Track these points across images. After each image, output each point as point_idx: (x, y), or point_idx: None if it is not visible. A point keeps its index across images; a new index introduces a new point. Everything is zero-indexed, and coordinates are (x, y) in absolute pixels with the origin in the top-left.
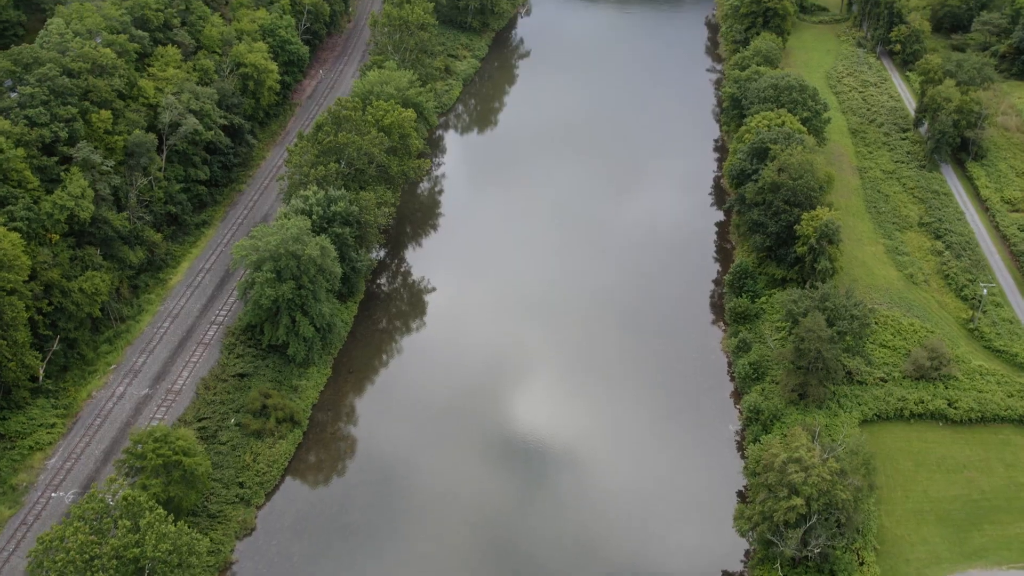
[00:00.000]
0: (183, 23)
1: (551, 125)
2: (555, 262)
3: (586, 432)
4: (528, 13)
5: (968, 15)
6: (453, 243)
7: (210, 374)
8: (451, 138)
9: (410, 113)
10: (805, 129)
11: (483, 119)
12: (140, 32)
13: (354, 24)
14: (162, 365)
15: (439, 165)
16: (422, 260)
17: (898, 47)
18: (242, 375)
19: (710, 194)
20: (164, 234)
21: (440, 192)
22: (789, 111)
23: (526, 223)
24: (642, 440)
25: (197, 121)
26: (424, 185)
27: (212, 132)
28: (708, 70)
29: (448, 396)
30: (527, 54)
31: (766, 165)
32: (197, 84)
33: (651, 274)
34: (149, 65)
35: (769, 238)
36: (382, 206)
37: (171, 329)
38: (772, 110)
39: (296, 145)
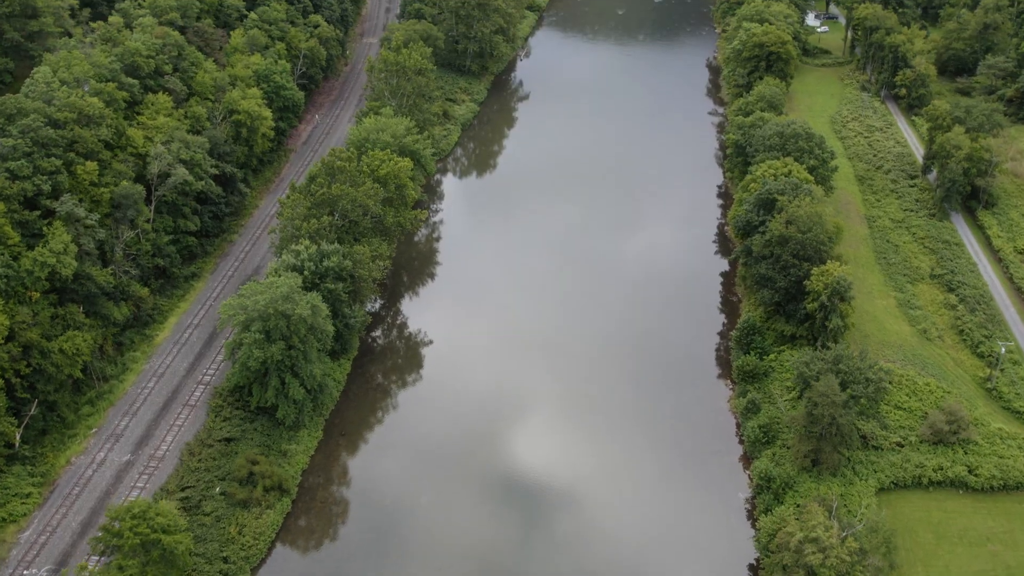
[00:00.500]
0: (175, 69)
1: (551, 168)
2: (555, 309)
3: (588, 493)
4: (527, 55)
5: (973, 59)
6: (451, 290)
7: (195, 439)
8: (449, 183)
9: (407, 163)
10: (812, 178)
11: (482, 163)
12: (130, 80)
13: (351, 68)
14: (145, 428)
15: (437, 211)
16: (419, 310)
17: (903, 91)
18: (229, 439)
19: (714, 241)
20: (151, 287)
21: (438, 238)
22: (795, 159)
23: (526, 267)
24: (646, 499)
25: (187, 172)
26: (422, 232)
27: (203, 182)
28: (710, 113)
29: (445, 456)
30: (526, 96)
31: (773, 217)
32: (188, 132)
33: (654, 324)
34: (139, 113)
35: (777, 293)
36: (377, 259)
37: (156, 389)
38: (778, 158)
39: (288, 197)
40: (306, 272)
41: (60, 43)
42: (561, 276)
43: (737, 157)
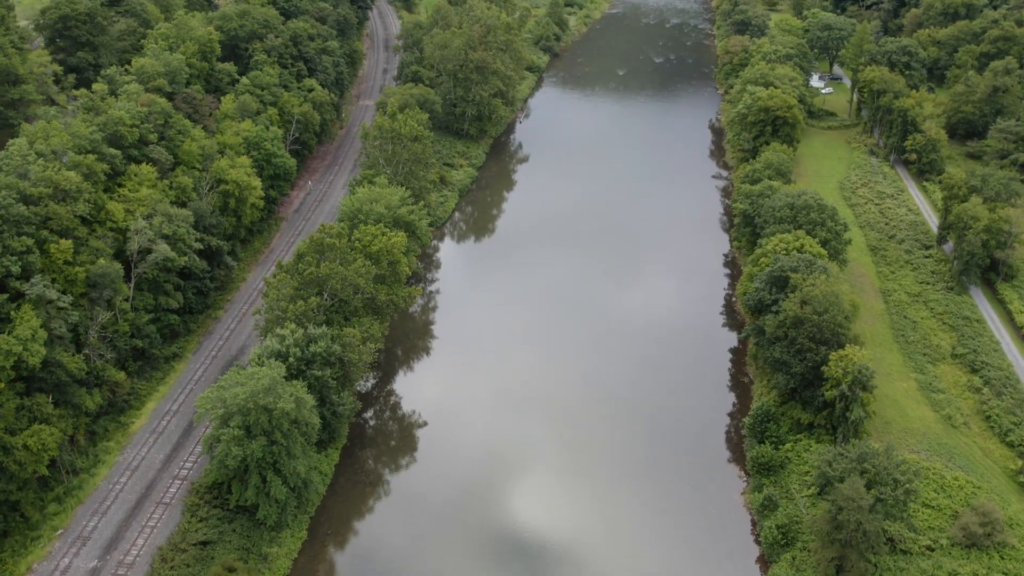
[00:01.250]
0: (161, 138)
1: (549, 233)
2: (555, 382)
3: None
4: (527, 116)
5: (983, 122)
6: (447, 363)
7: (168, 543)
8: (446, 251)
9: (400, 238)
10: (825, 252)
11: (479, 229)
12: (112, 150)
13: (346, 131)
14: (115, 530)
15: (433, 280)
16: (413, 386)
17: (914, 156)
18: (205, 543)
19: (721, 313)
20: (129, 370)
21: (433, 308)
22: (807, 232)
23: (524, 335)
24: None
25: (169, 248)
26: (417, 303)
27: (186, 257)
28: (714, 176)
29: (442, 549)
30: (526, 158)
31: (786, 296)
32: (173, 204)
33: (660, 402)
34: (120, 185)
35: (793, 379)
36: (368, 341)
37: (129, 485)
38: (789, 231)
39: (274, 276)
40: (291, 359)
41: (42, 111)
42: (561, 345)
43: (745, 227)
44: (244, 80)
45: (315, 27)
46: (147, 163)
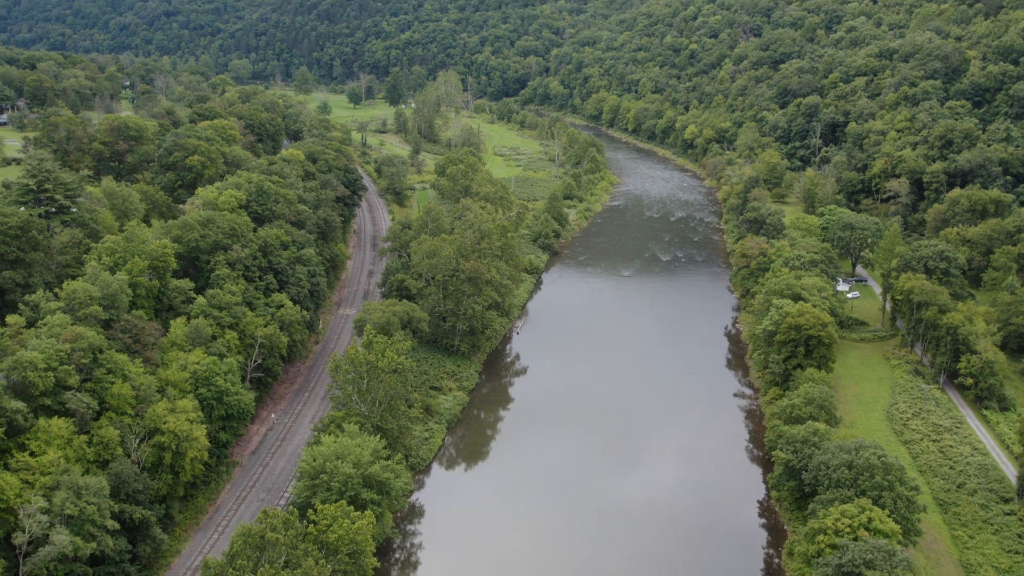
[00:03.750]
0: (85, 380)
1: (553, 475)
2: None
3: None
4: (526, 323)
5: None
6: None
7: None
8: (428, 498)
9: (366, 520)
10: (898, 529)
11: (469, 467)
12: (16, 403)
13: (322, 347)
14: None
15: (412, 533)
16: None
17: (969, 381)
18: None
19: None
20: None
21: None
22: (872, 500)
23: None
24: None
25: (70, 536)
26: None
27: (95, 543)
28: (735, 394)
29: None
30: (524, 370)
31: None
32: (92, 464)
33: None
34: (22, 446)
35: None
36: None
37: None
38: (850, 499)
39: None
40: None
41: None
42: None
43: (789, 480)
44: (200, 300)
45: (291, 233)
46: (59, 418)
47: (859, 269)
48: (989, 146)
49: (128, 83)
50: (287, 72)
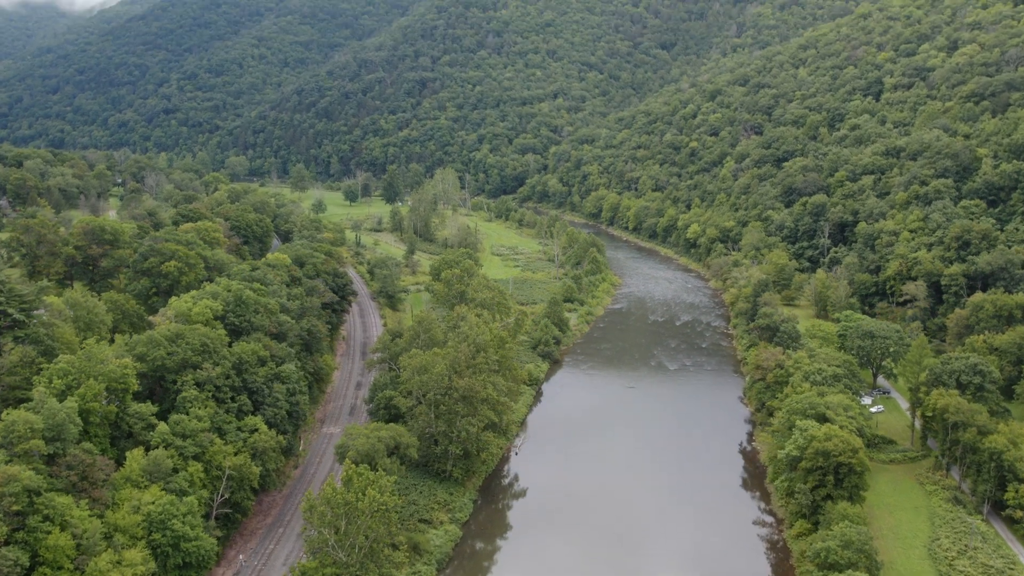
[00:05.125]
0: (17, 530)
1: None
2: None
3: None
4: (524, 440)
5: None
6: None
7: None
8: None
9: None
10: None
11: None
12: None
13: (301, 471)
14: None
15: None
16: None
17: (1019, 514)
18: None
19: None
20: None
21: None
22: None
23: None
24: None
25: None
26: None
27: None
28: (755, 522)
29: None
30: (522, 493)
31: None
32: None
33: None
34: None
35: None
36: None
37: None
38: None
39: None
40: None
41: None
42: None
43: None
44: (163, 427)
45: (269, 347)
46: None
47: (880, 380)
48: (1010, 247)
49: (120, 181)
50: (284, 169)
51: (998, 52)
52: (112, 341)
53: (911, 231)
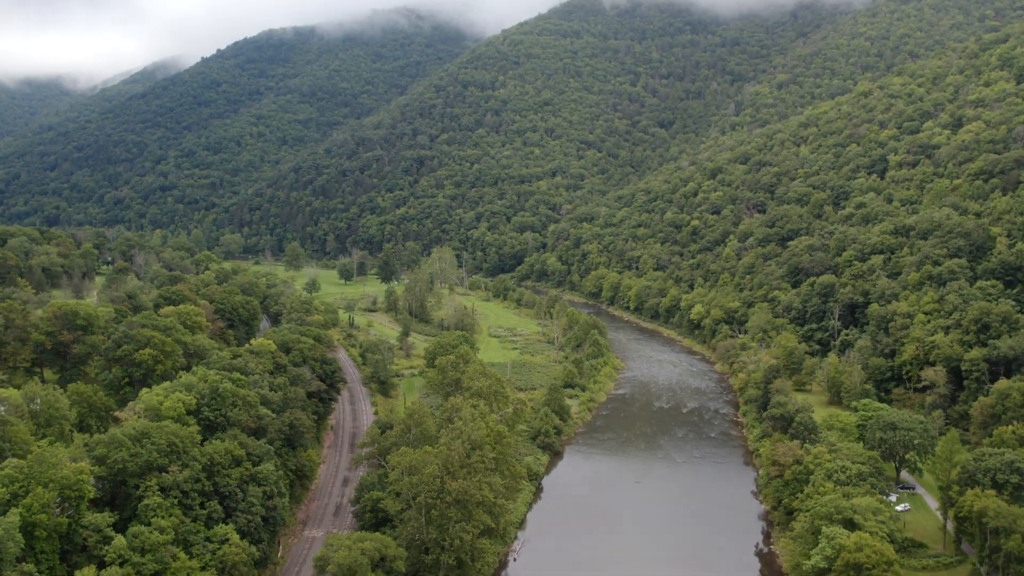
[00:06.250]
0: None
1: None
2: None
3: None
4: (523, 544)
5: None
6: None
7: None
8: None
9: None
10: None
11: None
12: None
13: None
14: None
15: None
16: None
17: None
18: None
19: None
20: None
21: None
22: None
23: None
24: None
25: None
26: None
27: None
28: None
29: None
30: None
31: None
32: None
33: None
34: None
35: None
36: None
37: None
38: None
39: None
40: None
41: None
42: None
43: None
44: (119, 541)
45: (246, 445)
46: None
47: (904, 474)
48: None
49: (110, 259)
50: (279, 246)
51: (1005, 129)
52: (72, 440)
53: (926, 313)
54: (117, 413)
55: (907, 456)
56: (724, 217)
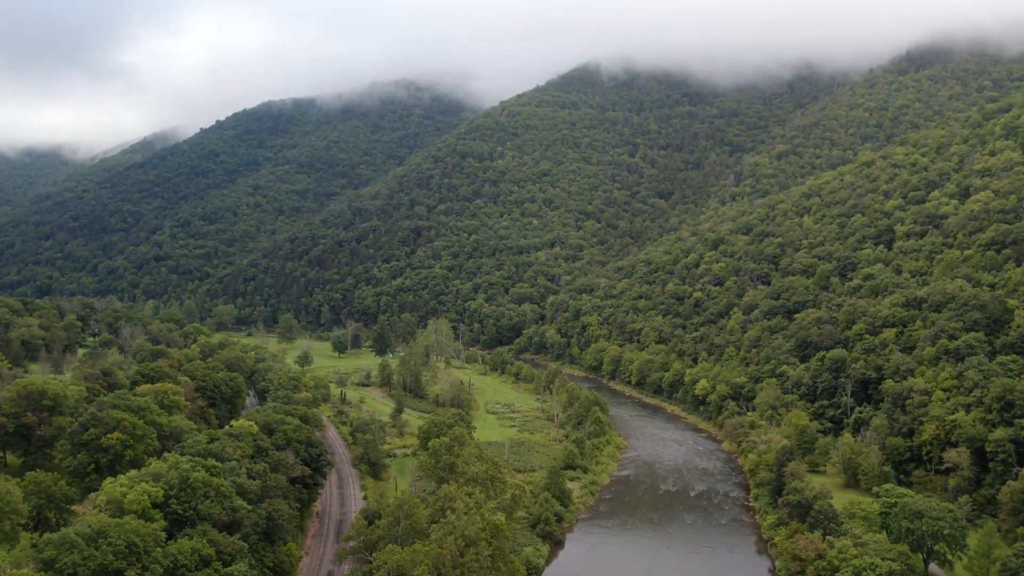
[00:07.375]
0: None
1: None
2: None
3: None
4: None
5: None
6: None
7: None
8: None
9: None
10: None
11: None
12: None
13: None
14: None
15: None
16: None
17: None
18: None
19: None
20: None
21: None
22: None
23: None
24: None
25: None
26: None
27: None
28: None
29: None
30: None
31: None
32: None
33: None
34: None
35: None
36: None
37: None
38: None
39: None
40: None
41: None
42: None
43: None
44: None
45: (216, 542)
46: None
47: (933, 567)
48: None
49: (95, 331)
50: (274, 317)
51: (1015, 199)
52: (18, 540)
53: (944, 390)
54: (74, 507)
55: (935, 547)
56: (727, 289)
